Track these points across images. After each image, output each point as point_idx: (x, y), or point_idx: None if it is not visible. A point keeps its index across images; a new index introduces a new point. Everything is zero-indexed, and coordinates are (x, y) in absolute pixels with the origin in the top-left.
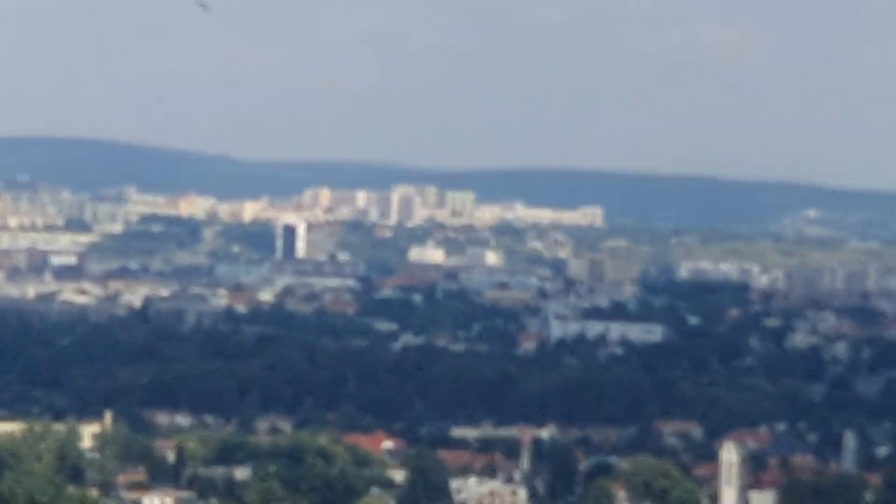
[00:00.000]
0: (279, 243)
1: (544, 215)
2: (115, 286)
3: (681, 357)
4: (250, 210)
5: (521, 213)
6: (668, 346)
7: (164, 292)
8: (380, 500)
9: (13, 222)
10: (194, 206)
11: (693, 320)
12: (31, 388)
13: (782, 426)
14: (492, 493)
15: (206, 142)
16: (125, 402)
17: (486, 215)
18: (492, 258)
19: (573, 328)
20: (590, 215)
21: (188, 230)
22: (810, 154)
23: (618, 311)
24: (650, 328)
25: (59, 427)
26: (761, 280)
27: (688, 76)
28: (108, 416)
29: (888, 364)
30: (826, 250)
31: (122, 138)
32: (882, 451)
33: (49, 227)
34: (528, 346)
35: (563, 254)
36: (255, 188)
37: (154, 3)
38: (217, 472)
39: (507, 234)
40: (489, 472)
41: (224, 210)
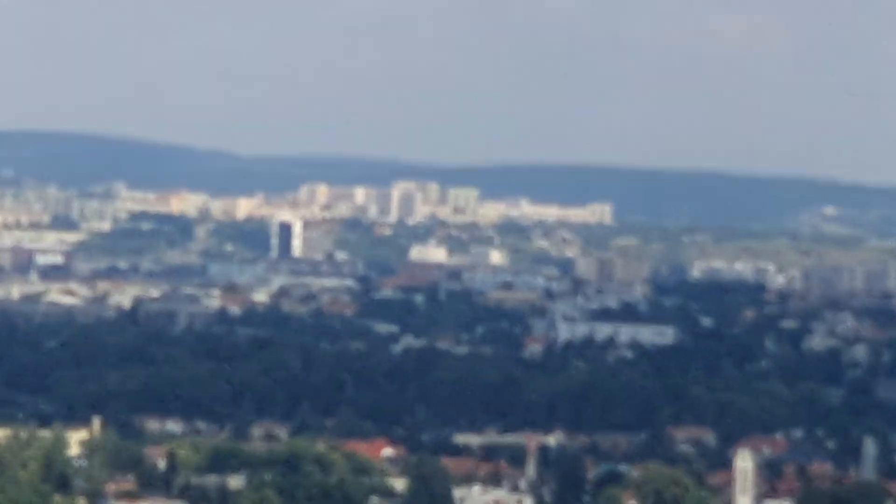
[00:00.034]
0: (274, 242)
1: (551, 212)
2: (103, 286)
3: (693, 360)
4: (244, 207)
5: (526, 210)
6: (680, 349)
7: (154, 293)
8: None
9: None
10: (186, 203)
11: (706, 322)
12: (15, 393)
13: (799, 432)
14: (496, 502)
15: (199, 136)
16: (114, 407)
17: (491, 212)
18: (496, 257)
19: (581, 330)
20: (598, 212)
21: (179, 228)
22: (828, 148)
23: (628, 313)
24: (661, 330)
25: (45, 433)
26: (777, 280)
27: (701, 67)
28: (97, 422)
29: None
30: (845, 249)
31: (111, 132)
32: None
33: (34, 225)
34: (534, 348)
35: (570, 253)
36: (249, 184)
37: None
38: (210, 480)
39: (512, 232)
40: (494, 480)
41: (217, 207)
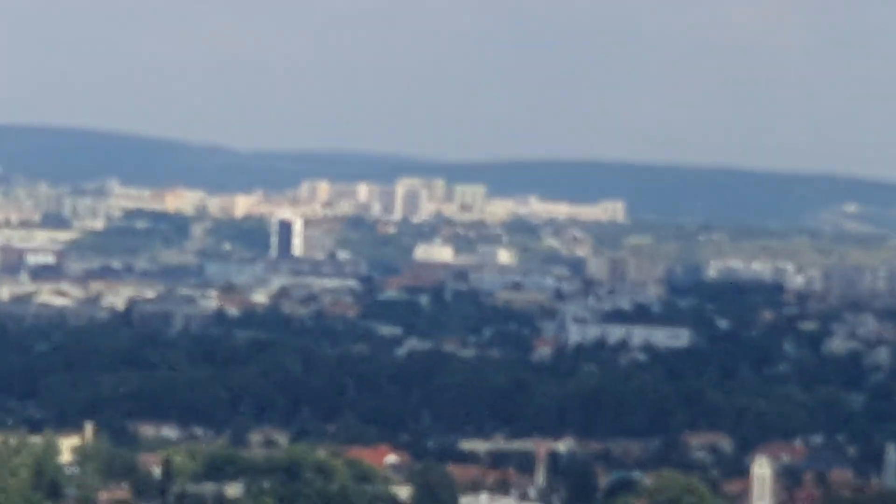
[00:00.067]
0: (274, 240)
1: (561, 210)
2: (96, 287)
3: (709, 364)
4: (243, 204)
5: (535, 207)
6: (696, 352)
7: (149, 294)
8: None
9: None
10: (182, 201)
11: (722, 324)
12: (5, 398)
13: (819, 438)
14: None
15: (195, 130)
16: (107, 412)
17: (499, 210)
18: (504, 257)
19: (592, 332)
20: (611, 210)
21: (175, 226)
22: (849, 143)
23: (641, 314)
24: (676, 332)
25: (36, 440)
26: (796, 280)
27: (716, 58)
28: (89, 428)
29: None
30: (866, 248)
31: (104, 126)
32: None
33: (25, 224)
34: (543, 351)
35: (581, 252)
36: (248, 181)
37: None
38: (207, 488)
39: (520, 230)
40: (502, 488)
41: (214, 204)
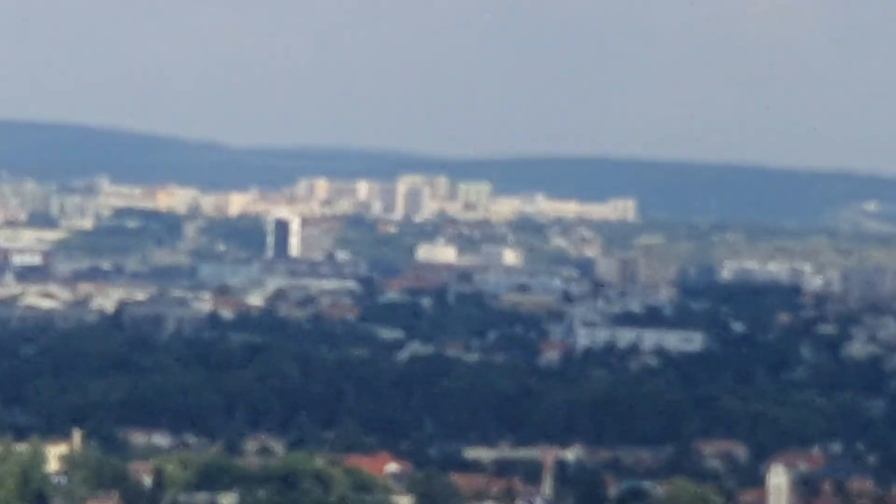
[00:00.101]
0: (270, 240)
1: (569, 209)
2: (84, 289)
3: (723, 368)
4: (237, 203)
5: (542, 206)
6: (709, 357)
7: (140, 296)
8: None
9: None
10: (174, 199)
11: (737, 327)
12: None
13: (837, 446)
14: None
15: (187, 126)
16: (96, 419)
17: (504, 209)
18: (510, 257)
19: (602, 336)
20: (621, 209)
21: (167, 225)
22: (869, 139)
23: (652, 317)
24: (689, 336)
25: (22, 448)
26: (814, 282)
27: (730, 51)
28: (77, 435)
29: None
30: (887, 248)
31: (93, 122)
32: None
33: (10, 223)
34: (550, 356)
35: (590, 252)
36: (242, 178)
37: None
38: (200, 498)
39: (527, 229)
40: (507, 497)
41: (208, 203)
